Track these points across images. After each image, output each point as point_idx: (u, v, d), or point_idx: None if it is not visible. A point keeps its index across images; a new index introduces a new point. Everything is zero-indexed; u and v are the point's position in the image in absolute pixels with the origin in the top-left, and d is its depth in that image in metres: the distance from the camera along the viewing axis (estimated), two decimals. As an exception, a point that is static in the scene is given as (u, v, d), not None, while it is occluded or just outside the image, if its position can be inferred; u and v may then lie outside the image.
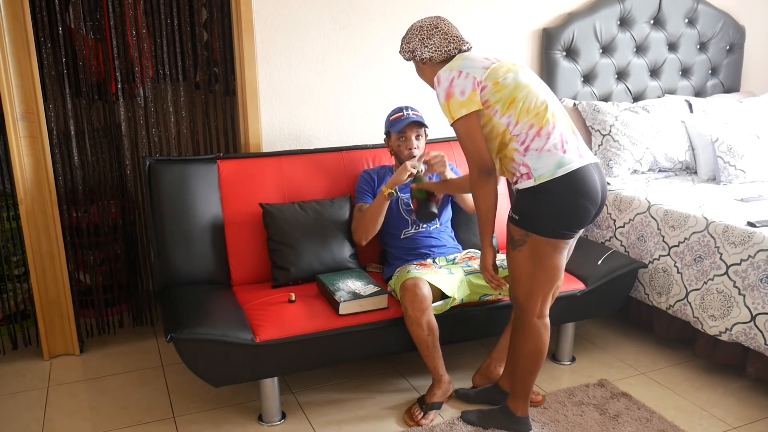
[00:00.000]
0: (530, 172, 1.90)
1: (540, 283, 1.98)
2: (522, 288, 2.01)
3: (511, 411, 2.15)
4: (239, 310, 2.25)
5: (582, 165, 1.89)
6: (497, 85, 1.93)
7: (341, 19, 2.92)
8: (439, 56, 2.07)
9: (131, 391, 2.53)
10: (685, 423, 2.27)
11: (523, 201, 1.94)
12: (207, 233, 2.52)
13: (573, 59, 3.36)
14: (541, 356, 2.07)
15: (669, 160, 3.25)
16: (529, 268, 1.97)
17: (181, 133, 2.98)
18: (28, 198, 2.61)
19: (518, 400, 2.14)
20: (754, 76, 3.98)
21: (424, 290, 2.19)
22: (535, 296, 2.00)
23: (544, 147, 1.89)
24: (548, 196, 1.88)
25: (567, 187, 1.87)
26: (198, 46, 2.95)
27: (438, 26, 2.08)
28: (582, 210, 1.90)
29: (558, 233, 1.91)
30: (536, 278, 1.97)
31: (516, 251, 1.97)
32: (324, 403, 2.43)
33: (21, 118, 2.54)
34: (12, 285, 2.89)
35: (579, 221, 1.92)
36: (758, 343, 2.30)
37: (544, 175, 1.88)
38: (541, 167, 1.88)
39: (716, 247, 2.47)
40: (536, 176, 1.88)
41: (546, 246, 1.93)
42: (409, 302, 2.18)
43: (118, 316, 3.08)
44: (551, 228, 1.90)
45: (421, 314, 2.18)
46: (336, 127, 3.02)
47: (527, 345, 2.06)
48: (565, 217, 1.90)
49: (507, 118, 1.93)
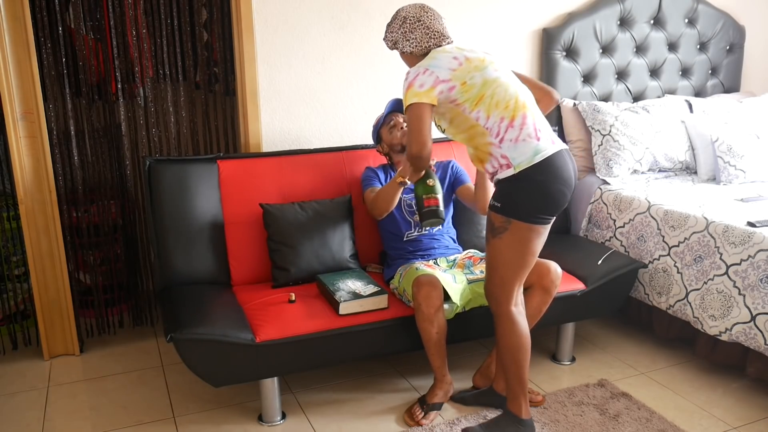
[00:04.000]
0: (509, 162, 1.96)
1: (515, 270, 2.03)
2: (497, 277, 2.05)
3: (515, 414, 2.12)
4: (239, 310, 2.25)
5: (556, 151, 1.97)
6: (465, 86, 2.00)
7: (341, 19, 2.92)
8: (419, 51, 2.12)
9: (131, 391, 2.53)
10: (685, 423, 2.28)
11: (504, 189, 2.00)
12: (207, 233, 2.52)
13: (573, 59, 3.36)
14: (526, 345, 2.09)
15: (669, 160, 3.25)
16: (507, 255, 2.02)
17: (181, 133, 2.98)
18: (28, 198, 2.61)
19: (518, 399, 2.12)
20: (754, 76, 3.97)
21: (439, 287, 2.20)
22: (511, 284, 2.05)
23: (519, 137, 1.95)
24: (528, 182, 1.95)
25: (545, 173, 1.94)
26: (198, 46, 2.95)
27: (421, 19, 2.10)
28: (560, 194, 1.97)
29: (538, 218, 1.98)
30: (512, 265, 2.02)
31: (496, 239, 2.02)
32: (324, 403, 2.43)
33: (21, 118, 2.54)
34: (12, 285, 2.90)
35: (557, 205, 1.99)
36: (758, 343, 2.30)
37: (522, 162, 1.94)
38: (519, 156, 1.95)
39: (716, 247, 2.47)
40: (515, 164, 1.95)
41: (527, 231, 1.98)
42: (423, 298, 2.17)
43: (118, 316, 3.08)
44: (532, 213, 1.97)
45: (434, 311, 2.18)
46: (336, 127, 3.02)
47: (511, 337, 2.07)
48: (544, 201, 1.97)
49: (476, 113, 2.00)
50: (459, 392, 2.42)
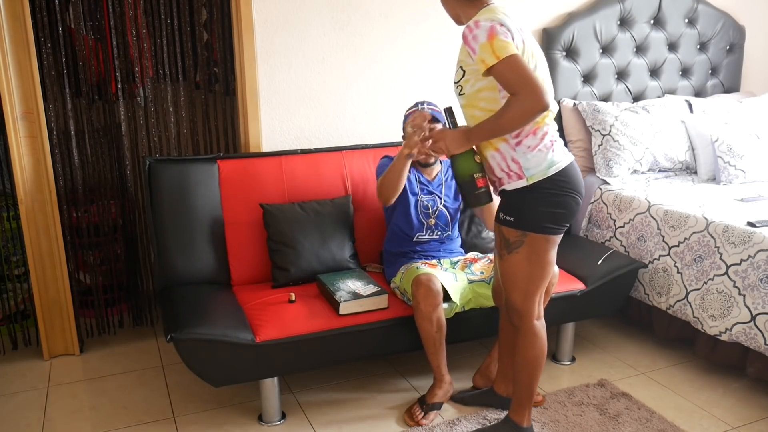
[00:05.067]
0: (521, 172, 1.89)
1: (536, 283, 1.98)
2: (519, 292, 1.99)
3: (517, 423, 2.10)
4: (239, 310, 2.25)
5: (569, 162, 1.93)
6: None
7: (341, 19, 2.92)
8: None
9: (131, 391, 2.53)
10: (685, 423, 2.28)
11: (515, 202, 1.93)
12: (207, 233, 2.52)
13: (573, 59, 3.36)
14: (543, 360, 2.06)
15: (669, 160, 3.25)
16: (526, 270, 1.96)
17: (181, 133, 2.98)
18: (28, 198, 2.61)
19: (523, 409, 2.09)
20: (754, 76, 3.97)
21: (438, 286, 2.20)
22: (532, 298, 2.00)
23: (537, 146, 1.87)
24: (541, 193, 1.89)
25: (559, 184, 1.89)
26: (198, 46, 2.95)
27: None
28: (574, 204, 1.93)
29: (553, 229, 1.93)
30: (533, 278, 1.97)
31: (513, 254, 1.96)
32: (324, 403, 2.43)
33: (21, 118, 2.54)
34: (12, 285, 2.89)
35: (571, 215, 1.95)
36: (758, 343, 2.30)
37: (536, 174, 1.88)
38: (533, 167, 1.88)
39: (716, 247, 2.47)
40: (528, 176, 1.88)
41: (545, 243, 1.94)
42: (422, 297, 2.18)
43: (118, 316, 3.08)
44: (547, 224, 1.91)
45: (433, 310, 2.18)
46: (336, 127, 3.02)
47: (531, 350, 2.04)
48: (559, 212, 1.91)
49: None
50: (459, 392, 2.42)
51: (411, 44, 3.06)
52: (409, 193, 2.44)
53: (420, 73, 3.11)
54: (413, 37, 3.06)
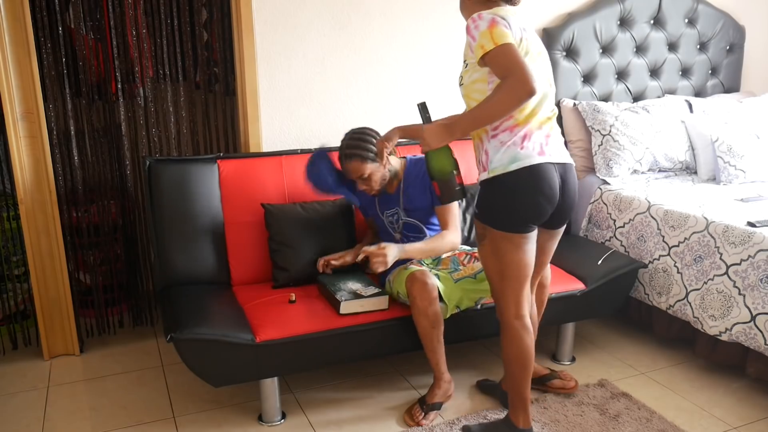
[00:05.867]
0: (486, 163, 1.89)
1: (503, 280, 1.96)
2: (493, 286, 2.01)
3: (513, 423, 2.10)
4: (239, 310, 2.25)
5: (539, 162, 1.86)
6: None
7: (341, 19, 2.92)
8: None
9: (131, 391, 2.53)
10: (685, 423, 2.28)
11: (482, 194, 1.94)
12: (207, 233, 2.52)
13: (573, 59, 3.36)
14: (526, 360, 2.01)
15: (669, 160, 3.25)
16: (494, 265, 1.97)
17: (181, 133, 2.98)
18: (28, 198, 2.61)
19: (517, 411, 2.09)
20: (754, 76, 3.97)
21: (433, 281, 2.20)
22: (506, 295, 1.97)
23: (508, 143, 1.86)
24: (502, 189, 1.87)
25: (520, 182, 1.85)
26: (198, 46, 2.95)
27: None
28: (536, 206, 1.87)
29: (511, 227, 1.89)
30: (503, 275, 1.95)
31: (481, 246, 1.99)
32: (324, 403, 2.43)
33: (21, 118, 2.54)
34: (12, 285, 2.89)
35: (532, 217, 1.89)
36: (758, 343, 2.30)
37: (497, 168, 1.86)
38: (497, 160, 1.86)
39: (716, 247, 2.47)
40: (490, 168, 1.88)
41: (502, 240, 1.91)
42: (418, 292, 2.17)
43: (118, 316, 3.08)
44: (504, 221, 1.89)
45: (429, 304, 2.18)
46: (336, 127, 3.01)
47: (510, 349, 2.02)
48: (516, 211, 1.88)
49: None
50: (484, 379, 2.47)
51: (411, 44, 3.06)
52: (379, 213, 2.51)
53: (420, 73, 3.11)
54: (413, 37, 3.06)
